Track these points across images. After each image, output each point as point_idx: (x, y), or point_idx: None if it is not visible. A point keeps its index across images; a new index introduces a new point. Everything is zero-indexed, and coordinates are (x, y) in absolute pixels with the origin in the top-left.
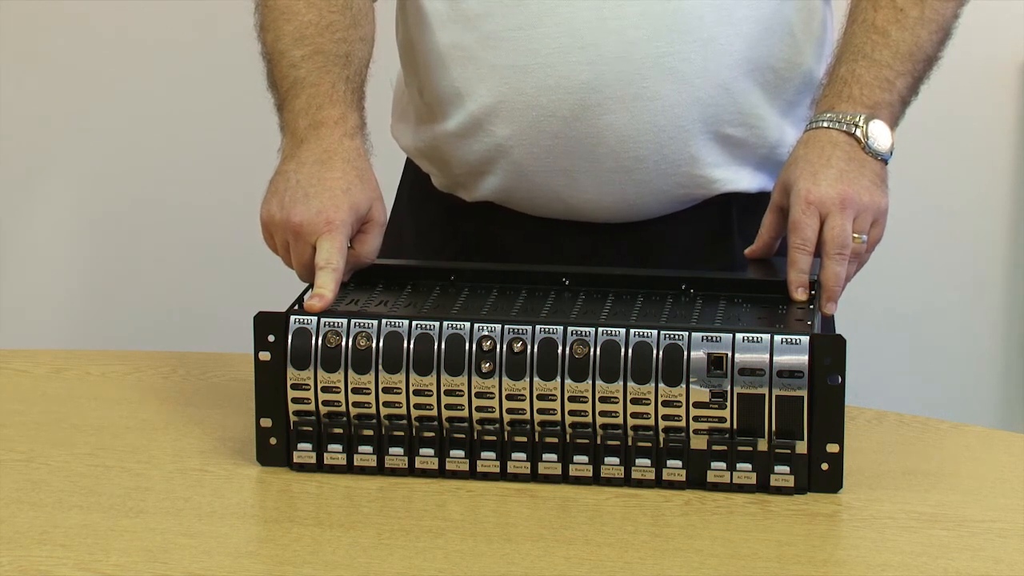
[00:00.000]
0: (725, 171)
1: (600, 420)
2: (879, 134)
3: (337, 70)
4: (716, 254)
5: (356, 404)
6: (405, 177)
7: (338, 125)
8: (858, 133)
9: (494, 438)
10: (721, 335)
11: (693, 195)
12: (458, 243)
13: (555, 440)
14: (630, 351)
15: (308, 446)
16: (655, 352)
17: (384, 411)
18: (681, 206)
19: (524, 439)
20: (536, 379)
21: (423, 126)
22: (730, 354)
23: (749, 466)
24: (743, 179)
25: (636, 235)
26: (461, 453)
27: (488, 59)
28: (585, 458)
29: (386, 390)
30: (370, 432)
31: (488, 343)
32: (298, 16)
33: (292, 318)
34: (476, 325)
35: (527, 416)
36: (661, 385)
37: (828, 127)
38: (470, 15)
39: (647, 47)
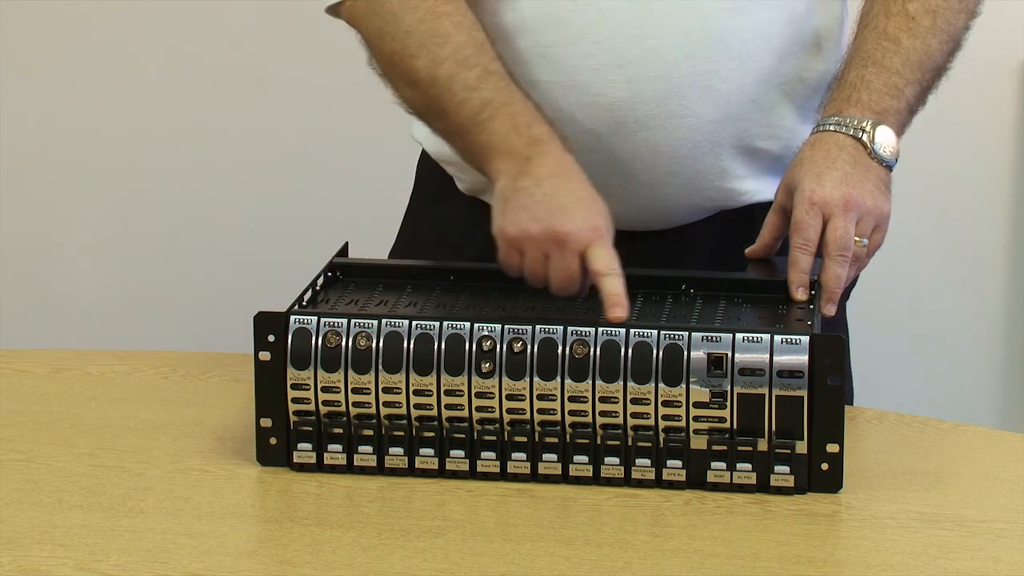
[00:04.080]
0: (752, 183)
1: (600, 420)
2: (885, 140)
3: (514, 88)
4: (737, 258)
5: (356, 404)
6: (421, 177)
7: (552, 140)
8: (864, 138)
9: (494, 438)
10: (721, 335)
11: (721, 207)
12: (478, 245)
13: (555, 440)
14: (630, 351)
15: (308, 446)
16: (655, 352)
17: (384, 411)
18: (705, 215)
19: (524, 439)
20: (536, 379)
21: None
22: (730, 354)
23: (749, 466)
24: (769, 190)
25: (657, 242)
26: (461, 453)
27: (525, 74)
28: (585, 458)
29: (386, 390)
30: (370, 432)
31: (488, 343)
32: (451, 38)
33: (292, 318)
34: (476, 325)
35: (527, 416)
36: (661, 385)
37: (835, 130)
38: (508, 30)
39: (685, 66)
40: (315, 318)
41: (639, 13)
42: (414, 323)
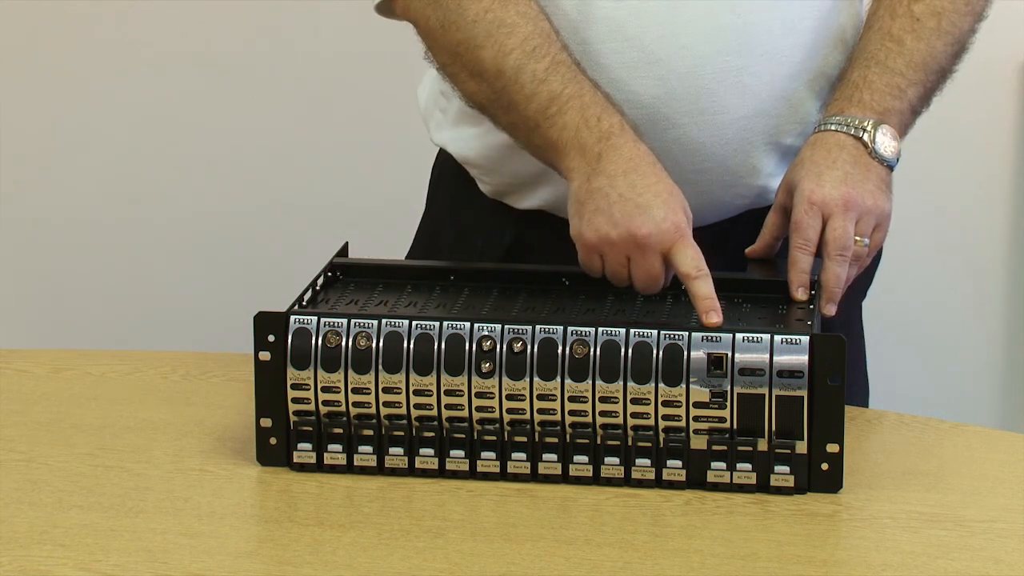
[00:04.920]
0: (779, 180)
1: (600, 420)
2: (886, 140)
3: (583, 78)
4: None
5: (356, 404)
6: (439, 179)
7: (623, 132)
8: (865, 137)
9: (494, 438)
10: (721, 335)
11: (750, 205)
12: (501, 247)
13: (555, 440)
14: (630, 351)
15: (308, 446)
16: (655, 352)
17: (384, 411)
18: (734, 213)
19: (524, 439)
20: (536, 379)
21: (480, 137)
22: (730, 354)
23: (749, 466)
24: None
25: None
26: (461, 453)
27: None
28: (585, 458)
29: (386, 390)
30: (370, 432)
31: (488, 343)
32: (518, 28)
33: (292, 318)
34: (476, 325)
35: (527, 416)
36: (661, 385)
37: (836, 130)
38: None
39: (717, 62)
40: (315, 318)
41: (670, 10)
42: (414, 323)
